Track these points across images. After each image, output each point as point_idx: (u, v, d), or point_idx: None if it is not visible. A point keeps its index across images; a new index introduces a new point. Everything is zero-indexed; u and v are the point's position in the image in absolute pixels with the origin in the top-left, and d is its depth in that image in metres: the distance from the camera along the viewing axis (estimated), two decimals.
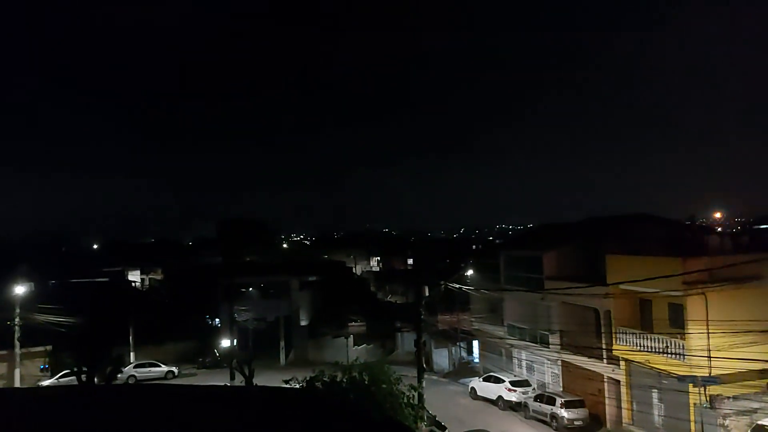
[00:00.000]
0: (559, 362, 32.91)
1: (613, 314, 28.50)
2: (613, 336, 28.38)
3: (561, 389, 32.32)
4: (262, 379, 29.93)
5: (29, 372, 38.07)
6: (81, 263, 70.82)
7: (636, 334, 26.90)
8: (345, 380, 21.24)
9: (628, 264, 26.76)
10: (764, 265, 21.96)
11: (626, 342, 27.41)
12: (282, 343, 47.29)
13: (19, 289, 37.58)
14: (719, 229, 53.38)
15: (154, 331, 45.12)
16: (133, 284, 70.81)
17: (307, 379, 21.32)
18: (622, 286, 26.39)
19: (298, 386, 20.71)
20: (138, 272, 75.00)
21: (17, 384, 36.01)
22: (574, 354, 30.81)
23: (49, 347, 38.77)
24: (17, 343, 36.21)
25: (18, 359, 36.58)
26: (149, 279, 75.07)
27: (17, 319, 36.01)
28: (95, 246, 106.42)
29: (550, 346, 32.63)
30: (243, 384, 29.22)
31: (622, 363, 28.33)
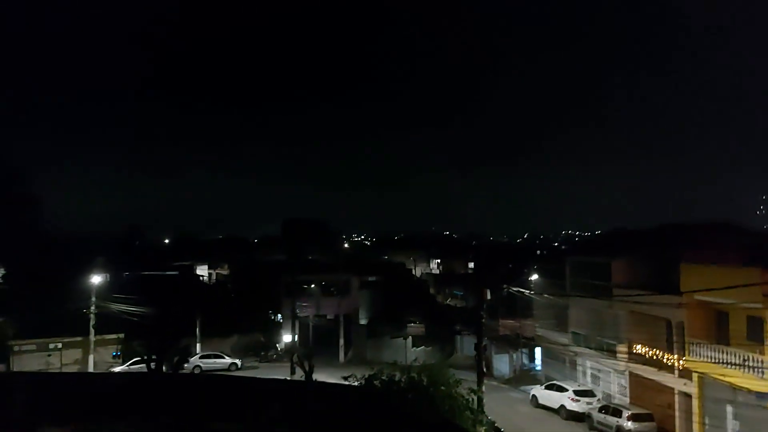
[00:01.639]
0: (627, 373, 31.63)
1: (686, 325, 27.12)
2: (686, 348, 27.00)
3: (628, 401, 31.07)
4: (321, 375, 30.17)
5: (102, 358, 39.90)
6: (152, 257, 73.81)
7: (711, 346, 25.48)
8: (403, 380, 21.07)
9: (705, 274, 25.40)
10: None
11: (700, 355, 26.01)
12: (341, 341, 47.69)
13: (95, 280, 39.56)
14: None
15: (219, 323, 46.40)
16: (201, 278, 73.18)
17: (366, 377, 21.27)
18: (698, 297, 25.09)
19: (356, 384, 20.72)
20: (206, 267, 77.41)
21: (91, 369, 37.87)
22: (643, 365, 29.54)
23: (121, 335, 40.62)
24: (92, 330, 38.11)
25: (92, 346, 38.47)
26: (216, 274, 77.31)
27: (93, 308, 37.93)
28: (166, 241, 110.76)
29: (618, 355, 31.39)
30: (303, 379, 29.53)
31: (694, 376, 26.93)
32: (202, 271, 76.49)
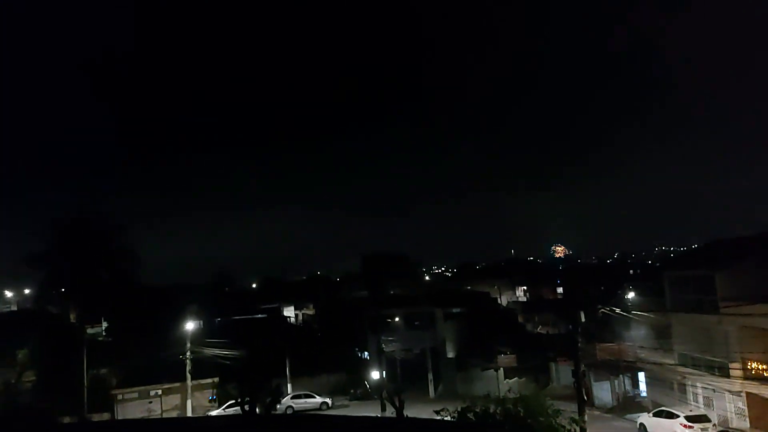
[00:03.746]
0: (744, 394, 28.91)
1: None
2: None
3: (748, 425, 28.30)
4: (412, 411, 29.48)
5: (199, 403, 40.97)
6: (242, 302, 76.12)
7: None
8: (498, 412, 20.18)
9: None
10: None
11: None
12: (430, 375, 46.72)
13: (189, 327, 41.01)
14: None
15: (308, 363, 46.73)
16: (288, 319, 74.50)
17: (459, 410, 20.54)
18: None
19: (449, 418, 20.03)
20: (292, 308, 78.91)
21: (189, 413, 38.88)
22: (762, 384, 26.91)
23: (216, 379, 41.68)
24: (188, 376, 39.29)
25: (189, 390, 39.61)
26: (302, 314, 78.56)
27: (188, 354, 39.21)
28: (254, 285, 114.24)
29: (731, 375, 28.80)
30: (394, 415, 28.95)
31: None
32: (289, 312, 77.93)
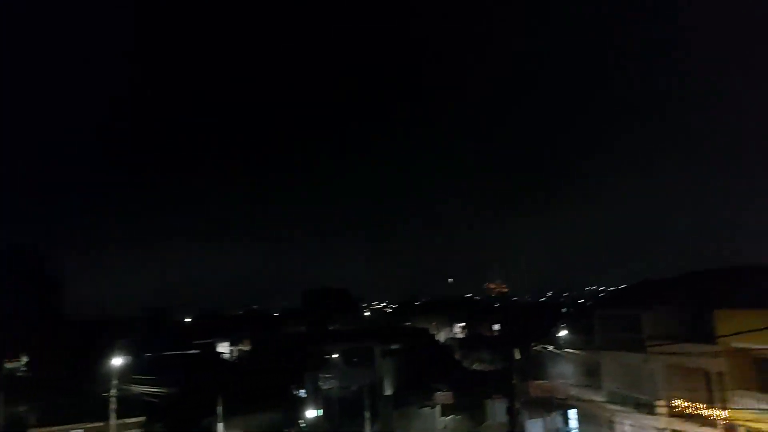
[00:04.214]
0: (668, 430, 29.95)
1: (726, 376, 25.86)
2: (728, 400, 25.63)
3: None
4: None
5: None
6: (174, 337, 73.41)
7: (754, 396, 24.16)
8: None
9: (741, 318, 24.37)
10: None
11: (743, 406, 24.63)
12: (367, 413, 46.12)
13: (117, 362, 39.13)
14: None
15: (242, 401, 45.32)
16: (222, 355, 72.31)
17: None
18: (735, 345, 24.06)
19: None
20: (227, 343, 76.69)
21: None
22: (684, 420, 28.00)
23: (142, 419, 39.73)
24: (113, 415, 37.30)
25: (113, 431, 37.54)
26: (237, 350, 76.47)
27: (114, 391, 37.30)
28: (187, 319, 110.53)
29: (657, 412, 29.86)
30: None
31: (741, 430, 25.39)
32: (224, 347, 75.70)
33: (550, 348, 34.24)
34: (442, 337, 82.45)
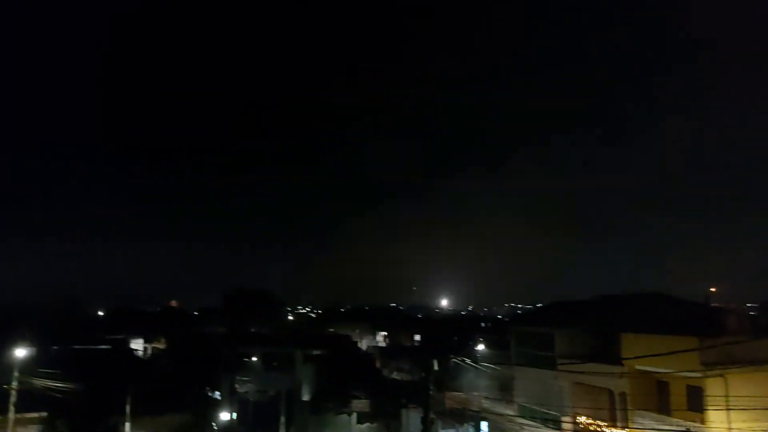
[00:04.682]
0: None
1: (628, 396, 27.42)
2: (629, 419, 27.18)
3: None
4: None
5: None
6: (86, 330, 70.17)
7: (653, 416, 25.75)
8: None
9: (644, 343, 26.03)
10: None
11: (643, 425, 26.20)
12: (282, 418, 45.67)
13: (19, 353, 36.98)
14: (736, 310, 52.17)
15: (153, 401, 43.80)
16: (136, 352, 69.70)
17: None
18: (638, 367, 25.57)
19: None
20: (141, 340, 74.04)
21: None
22: None
23: (44, 414, 37.69)
24: (12, 408, 35.23)
25: (11, 425, 35.45)
26: (152, 347, 73.93)
27: (14, 384, 35.23)
28: (101, 313, 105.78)
29: (562, 427, 31.24)
30: None
31: None
32: (138, 344, 72.98)
33: (468, 361, 35.12)
34: (364, 344, 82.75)
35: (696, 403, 23.97)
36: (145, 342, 74.96)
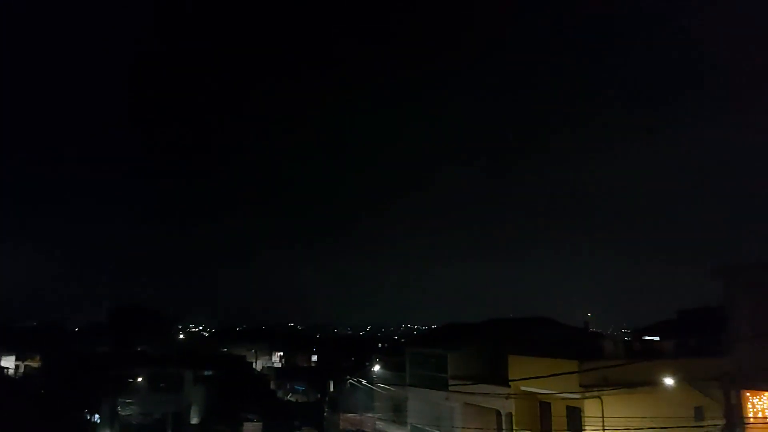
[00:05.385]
0: None
1: (514, 416, 28.58)
2: None
3: None
4: None
5: None
6: None
7: None
8: None
9: (529, 365, 27.27)
10: (655, 371, 23.00)
11: None
12: None
13: None
14: (612, 336, 56.14)
15: (24, 424, 40.29)
16: (6, 371, 64.10)
17: None
18: (524, 388, 26.76)
19: None
20: (12, 357, 68.29)
21: None
22: None
23: None
24: None
25: None
26: (24, 366, 68.28)
27: None
28: None
29: None
30: None
31: None
32: (9, 362, 67.20)
33: (364, 382, 35.26)
34: (259, 365, 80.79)
35: (575, 424, 25.35)
36: (17, 359, 69.27)
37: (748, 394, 19.80)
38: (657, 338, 33.28)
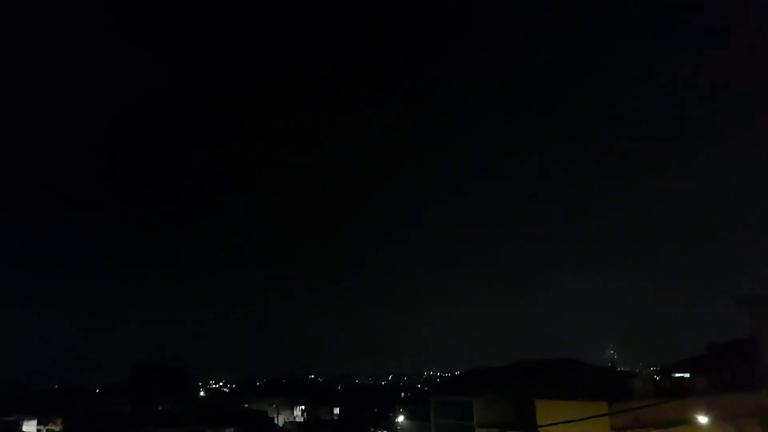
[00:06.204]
0: None
1: None
2: None
3: None
4: None
5: None
6: None
7: None
8: None
9: (557, 409, 26.50)
10: (688, 409, 22.31)
11: None
12: None
13: None
14: (640, 374, 54.70)
15: None
16: None
17: None
18: None
19: None
20: (34, 422, 67.85)
21: None
22: None
23: None
24: None
25: None
26: (46, 430, 67.86)
27: None
28: None
29: None
30: None
31: None
32: (31, 427, 66.80)
33: None
34: (281, 420, 79.56)
35: None
36: (39, 423, 68.81)
37: None
38: (687, 375, 32.33)
